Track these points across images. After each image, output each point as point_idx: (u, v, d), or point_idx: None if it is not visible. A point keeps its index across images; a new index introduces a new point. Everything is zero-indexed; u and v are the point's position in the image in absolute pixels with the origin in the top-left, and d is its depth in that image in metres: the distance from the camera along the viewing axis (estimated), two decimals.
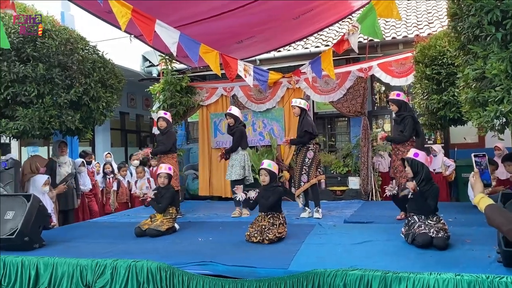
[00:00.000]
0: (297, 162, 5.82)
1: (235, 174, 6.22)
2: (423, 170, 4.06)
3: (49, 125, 5.45)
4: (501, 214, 1.93)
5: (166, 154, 6.17)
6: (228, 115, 6.34)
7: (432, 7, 10.33)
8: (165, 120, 6.23)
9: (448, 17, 3.95)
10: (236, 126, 6.34)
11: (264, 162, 4.67)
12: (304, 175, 5.71)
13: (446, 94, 5.34)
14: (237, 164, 6.25)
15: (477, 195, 2.05)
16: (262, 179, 4.59)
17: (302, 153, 5.78)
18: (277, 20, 7.29)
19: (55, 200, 6.01)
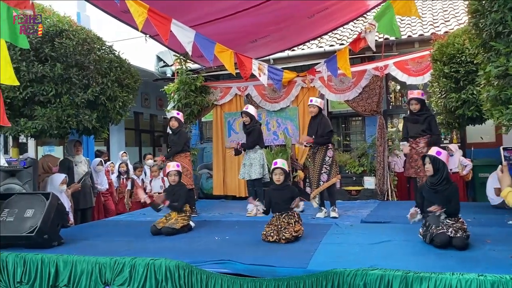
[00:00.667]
0: (316, 162, 5.75)
1: (256, 173, 6.21)
2: (444, 168, 3.99)
3: (66, 124, 5.50)
4: None
5: (179, 153, 6.22)
6: (244, 113, 6.34)
7: (448, 5, 10.21)
8: (177, 120, 6.28)
9: (469, 14, 3.89)
10: (253, 125, 6.34)
11: (277, 162, 4.63)
12: (324, 174, 5.68)
13: (464, 92, 5.26)
14: (256, 163, 6.25)
15: (505, 188, 2.00)
16: (277, 178, 4.54)
17: (322, 152, 5.72)
18: (292, 19, 7.27)
19: (71, 199, 6.07)
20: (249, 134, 6.36)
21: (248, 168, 6.31)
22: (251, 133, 6.33)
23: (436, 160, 4.00)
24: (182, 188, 5.19)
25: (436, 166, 4.00)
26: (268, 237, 4.28)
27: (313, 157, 5.83)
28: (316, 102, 5.84)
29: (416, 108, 5.48)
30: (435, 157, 4.01)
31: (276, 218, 4.44)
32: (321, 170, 5.68)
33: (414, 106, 5.48)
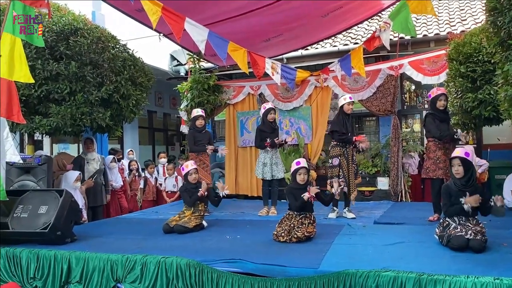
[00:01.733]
0: (349, 161, 5.68)
1: (281, 173, 6.19)
2: (472, 169, 3.95)
3: (80, 122, 5.56)
4: None
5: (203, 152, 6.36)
6: (273, 110, 6.25)
7: (465, 4, 10.06)
8: (203, 118, 6.43)
9: (487, 12, 3.81)
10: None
11: (300, 161, 4.52)
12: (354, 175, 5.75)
13: (481, 92, 5.15)
14: (280, 162, 6.27)
15: None
16: (302, 178, 4.44)
17: (351, 151, 5.71)
18: (305, 18, 7.22)
19: (84, 196, 6.12)
20: (275, 131, 6.27)
21: (273, 167, 6.18)
22: (277, 130, 6.32)
23: (466, 161, 3.92)
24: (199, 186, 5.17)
25: (467, 168, 3.92)
26: (279, 237, 4.26)
27: (346, 156, 5.68)
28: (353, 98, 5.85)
29: (445, 105, 5.20)
30: (465, 158, 3.92)
31: (291, 217, 4.40)
32: (352, 169, 5.72)
33: (443, 103, 5.16)
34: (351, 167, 5.70)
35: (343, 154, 5.67)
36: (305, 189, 4.41)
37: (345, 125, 5.69)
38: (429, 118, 5.23)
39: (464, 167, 3.91)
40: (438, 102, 5.13)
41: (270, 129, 6.20)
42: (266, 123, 6.18)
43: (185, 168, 5.22)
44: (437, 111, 5.17)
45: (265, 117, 6.15)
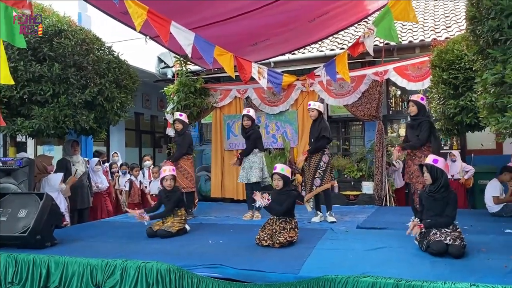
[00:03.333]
0: (311, 166, 5.75)
1: (255, 177, 6.16)
2: (443, 176, 3.97)
3: (63, 124, 5.51)
4: None
5: (182, 156, 6.29)
6: (246, 116, 6.31)
7: (450, 11, 10.19)
8: (181, 122, 6.31)
9: (467, 21, 3.86)
10: (252, 128, 6.33)
11: (277, 167, 4.57)
12: (317, 179, 5.68)
13: (463, 99, 5.22)
14: (256, 166, 6.21)
15: None
16: (276, 183, 4.52)
17: (317, 156, 5.72)
18: (292, 23, 7.26)
19: (69, 197, 6.07)
20: (248, 137, 6.32)
21: (247, 171, 6.27)
22: (250, 136, 6.30)
23: (434, 168, 3.98)
24: (175, 194, 5.12)
25: (434, 175, 3.97)
26: (262, 241, 4.27)
27: (308, 161, 5.82)
28: (314, 105, 5.82)
29: (413, 111, 5.32)
30: (432, 165, 3.99)
31: (273, 222, 4.41)
32: (315, 174, 5.68)
33: (410, 108, 5.35)
34: (312, 172, 5.71)
35: (308, 159, 5.82)
36: (281, 194, 4.46)
37: (311, 131, 5.88)
38: None
39: (431, 174, 3.97)
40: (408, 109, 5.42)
41: (244, 136, 6.38)
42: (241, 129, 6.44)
43: (162, 173, 5.20)
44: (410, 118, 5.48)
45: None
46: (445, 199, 3.92)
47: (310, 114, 5.83)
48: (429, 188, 4.03)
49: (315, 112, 5.77)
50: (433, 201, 3.97)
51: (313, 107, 5.79)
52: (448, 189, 3.98)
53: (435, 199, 3.96)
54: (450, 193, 3.98)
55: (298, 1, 6.27)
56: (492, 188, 6.07)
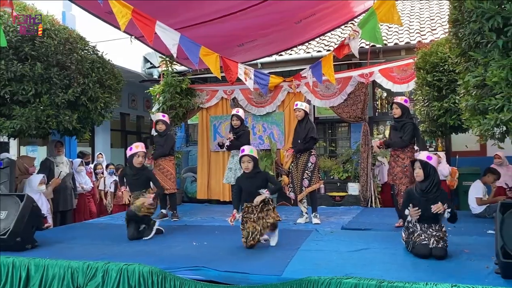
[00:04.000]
0: (298, 167, 5.76)
1: None
2: (435, 174, 3.89)
3: (46, 124, 5.40)
4: None
5: (164, 156, 6.20)
6: (235, 116, 6.30)
7: (435, 13, 10.29)
8: (164, 123, 6.26)
9: (450, 23, 3.91)
10: (242, 128, 6.34)
11: (244, 149, 4.38)
12: (305, 180, 5.68)
13: (447, 101, 5.28)
14: None
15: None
16: (245, 166, 4.35)
17: (305, 157, 5.73)
18: (279, 24, 7.27)
19: (51, 199, 5.98)
20: (238, 137, 6.28)
21: (234, 172, 6.22)
22: (240, 136, 6.26)
23: (427, 165, 3.88)
24: (144, 172, 4.98)
25: (427, 172, 3.88)
26: (250, 241, 4.16)
27: (296, 163, 5.83)
28: (301, 106, 5.81)
29: (396, 113, 5.33)
30: (426, 162, 3.89)
31: (249, 209, 4.25)
32: (303, 175, 5.69)
33: (394, 111, 5.37)
34: (300, 173, 5.73)
35: (295, 160, 5.87)
36: (252, 177, 4.33)
37: (296, 131, 5.87)
38: None
39: (424, 171, 3.89)
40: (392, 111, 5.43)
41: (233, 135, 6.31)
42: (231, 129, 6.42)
43: (133, 149, 4.90)
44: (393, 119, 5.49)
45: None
46: (438, 198, 3.81)
47: (297, 114, 5.82)
48: (420, 186, 3.89)
49: (302, 113, 5.77)
50: (425, 202, 3.82)
51: (300, 107, 5.78)
52: (439, 188, 3.90)
53: (428, 199, 3.83)
54: (442, 193, 3.91)
55: (284, 1, 6.27)
56: (475, 189, 6.14)
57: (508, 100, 3.16)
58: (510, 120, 3.17)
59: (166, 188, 6.05)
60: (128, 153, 4.98)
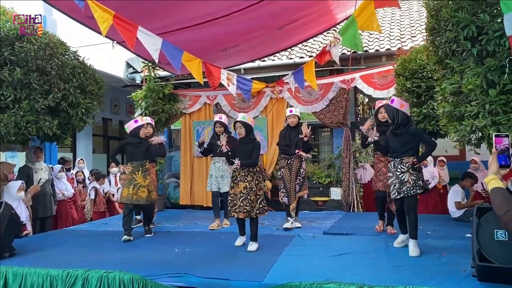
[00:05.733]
0: (292, 173, 5.76)
1: (227, 186, 5.66)
2: (398, 114, 4.17)
3: (25, 130, 5.34)
4: (501, 200, 1.92)
5: None
6: (218, 123, 6.08)
7: (415, 20, 10.48)
8: (153, 127, 6.20)
9: (427, 31, 4.00)
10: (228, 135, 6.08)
11: (238, 115, 4.76)
12: (297, 186, 5.76)
13: (425, 107, 5.37)
14: (227, 175, 5.93)
15: (490, 175, 2.02)
16: (238, 131, 4.64)
17: (297, 163, 5.76)
18: (262, 30, 7.31)
19: (32, 206, 5.88)
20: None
21: (219, 179, 6.06)
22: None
23: (389, 108, 4.27)
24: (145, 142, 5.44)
25: (391, 114, 4.24)
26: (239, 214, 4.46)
27: (289, 168, 5.79)
28: (296, 112, 5.84)
29: (385, 117, 4.96)
30: (388, 104, 4.31)
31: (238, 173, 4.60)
32: (296, 181, 5.75)
33: (383, 115, 5.05)
34: (293, 179, 5.76)
35: (286, 166, 5.81)
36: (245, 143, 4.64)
37: (289, 137, 5.82)
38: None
39: (388, 114, 4.37)
40: (378, 115, 5.15)
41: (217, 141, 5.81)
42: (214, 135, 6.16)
43: (139, 121, 5.38)
44: (379, 124, 5.14)
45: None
46: (407, 133, 4.16)
47: (292, 120, 5.80)
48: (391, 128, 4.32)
49: (297, 119, 5.81)
50: (395, 137, 4.26)
51: (295, 114, 5.81)
52: (408, 125, 4.20)
53: (396, 134, 4.23)
54: (410, 128, 4.20)
55: (267, 7, 6.31)
56: (454, 193, 6.24)
57: (483, 107, 3.25)
58: (485, 126, 3.25)
59: None
60: (132, 125, 5.36)
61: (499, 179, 1.99)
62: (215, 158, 6.17)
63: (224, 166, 6.03)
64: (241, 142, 4.71)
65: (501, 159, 2.06)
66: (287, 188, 5.80)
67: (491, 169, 2.04)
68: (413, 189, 4.07)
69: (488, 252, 3.05)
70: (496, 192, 1.96)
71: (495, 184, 1.98)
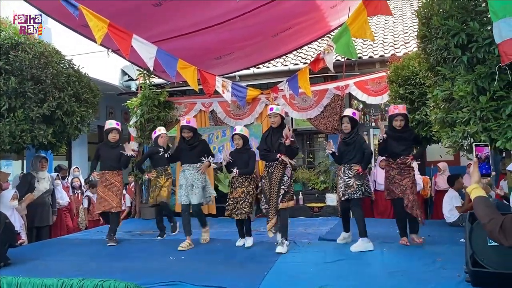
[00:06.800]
0: (273, 181, 4.78)
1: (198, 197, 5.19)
2: (356, 126, 4.94)
3: (20, 139, 5.35)
4: (485, 209, 1.95)
5: (112, 170, 5.55)
6: (187, 128, 5.28)
7: (409, 27, 10.56)
8: (119, 133, 5.70)
9: (418, 39, 4.04)
10: (198, 139, 5.43)
11: (236, 128, 5.27)
12: (281, 196, 4.74)
13: (419, 113, 5.41)
14: (199, 184, 5.22)
15: (472, 184, 2.04)
16: (236, 143, 5.17)
17: (279, 170, 4.80)
18: (256, 37, 7.35)
19: (29, 214, 5.87)
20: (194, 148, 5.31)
21: (189, 190, 5.22)
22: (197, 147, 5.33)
23: (353, 119, 4.90)
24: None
25: (353, 125, 4.88)
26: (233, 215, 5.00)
27: (269, 176, 4.85)
28: (277, 110, 4.95)
29: (401, 126, 4.83)
30: (352, 117, 4.91)
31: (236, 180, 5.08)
32: (279, 191, 4.75)
33: (399, 123, 4.83)
34: (275, 189, 4.76)
35: (267, 175, 4.90)
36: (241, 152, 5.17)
37: (270, 140, 4.94)
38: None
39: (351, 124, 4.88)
40: (394, 122, 4.86)
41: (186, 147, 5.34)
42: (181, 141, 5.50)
43: (157, 132, 6.21)
44: (392, 130, 4.91)
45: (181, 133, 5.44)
46: (356, 142, 4.86)
47: (273, 120, 4.93)
48: (343, 136, 5.00)
49: (278, 118, 4.93)
50: (346, 146, 4.93)
51: (276, 112, 4.93)
52: (357, 135, 4.93)
53: (347, 143, 4.90)
54: (358, 137, 4.94)
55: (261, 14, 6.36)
56: (449, 199, 6.26)
57: (474, 114, 3.29)
58: (476, 132, 3.29)
59: (112, 205, 5.41)
60: (153, 136, 6.31)
61: (481, 188, 2.02)
62: (184, 165, 5.35)
63: (194, 174, 5.23)
64: (238, 152, 5.18)
65: (482, 168, 2.09)
66: (267, 201, 4.84)
67: (473, 178, 2.07)
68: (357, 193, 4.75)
69: (481, 258, 3.07)
70: (479, 201, 1.98)
71: (477, 193, 2.00)
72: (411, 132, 5.06)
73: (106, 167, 5.63)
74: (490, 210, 1.93)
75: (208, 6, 5.93)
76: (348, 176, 4.84)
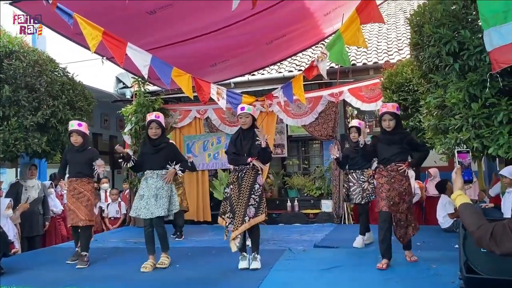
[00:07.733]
0: (242, 189, 4.25)
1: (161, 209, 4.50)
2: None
3: (14, 147, 5.32)
4: (471, 215, 1.90)
5: (80, 178, 4.84)
6: (155, 122, 4.73)
7: (402, 34, 10.64)
8: (80, 134, 4.84)
9: (411, 47, 4.08)
10: (165, 141, 4.90)
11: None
12: (251, 207, 4.19)
13: (412, 119, 5.46)
14: (164, 194, 4.56)
15: (456, 191, 2.02)
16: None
17: (250, 176, 4.27)
18: (251, 45, 7.39)
19: (19, 223, 5.82)
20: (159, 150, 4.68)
21: (151, 201, 4.49)
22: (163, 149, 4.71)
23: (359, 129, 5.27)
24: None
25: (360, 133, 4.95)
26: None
27: (238, 183, 4.31)
28: (249, 110, 4.42)
29: (390, 126, 4.21)
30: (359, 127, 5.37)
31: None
32: (249, 201, 4.20)
33: (387, 123, 4.21)
34: (244, 197, 4.22)
35: (236, 181, 4.35)
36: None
37: (240, 143, 4.41)
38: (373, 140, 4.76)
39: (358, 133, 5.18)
40: (382, 122, 4.26)
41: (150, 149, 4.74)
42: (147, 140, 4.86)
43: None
44: (383, 132, 4.33)
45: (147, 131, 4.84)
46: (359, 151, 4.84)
47: (244, 121, 4.37)
48: (354, 145, 5.38)
49: (250, 119, 4.40)
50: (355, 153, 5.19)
51: (248, 112, 4.39)
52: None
53: (357, 151, 4.93)
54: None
55: (255, 22, 6.40)
56: (442, 205, 6.28)
57: (466, 121, 3.32)
58: (468, 139, 3.32)
59: (80, 218, 4.70)
60: None
61: (465, 195, 2.00)
62: (147, 172, 4.67)
63: (159, 183, 4.56)
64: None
65: (465, 175, 2.10)
66: (233, 210, 4.28)
67: (456, 185, 2.05)
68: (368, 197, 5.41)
69: (475, 264, 3.09)
70: (464, 208, 1.94)
71: (462, 200, 1.97)
72: (404, 135, 4.32)
73: (73, 175, 4.86)
74: (477, 216, 1.89)
75: (203, 14, 5.96)
76: (363, 181, 5.47)
